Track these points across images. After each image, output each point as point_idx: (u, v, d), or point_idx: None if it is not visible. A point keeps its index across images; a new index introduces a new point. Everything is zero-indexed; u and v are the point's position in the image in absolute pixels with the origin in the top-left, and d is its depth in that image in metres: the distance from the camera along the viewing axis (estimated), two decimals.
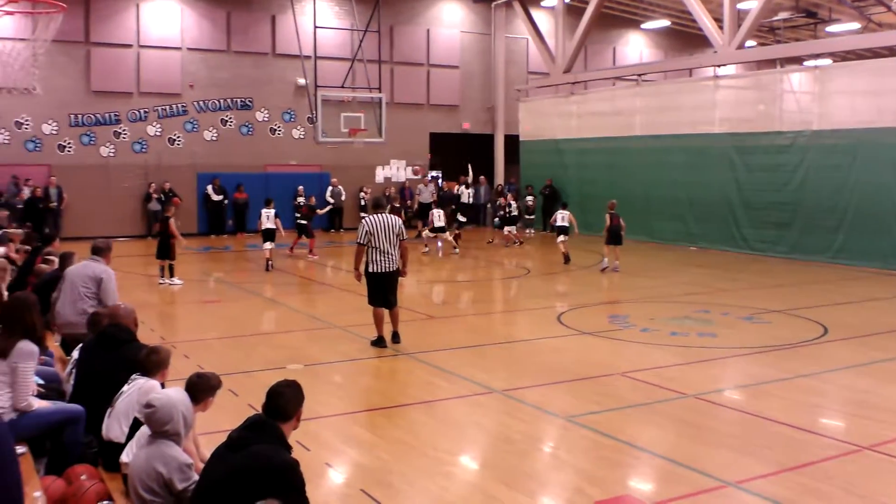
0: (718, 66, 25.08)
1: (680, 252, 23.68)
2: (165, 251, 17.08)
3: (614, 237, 18.95)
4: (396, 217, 11.44)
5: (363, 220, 11.24)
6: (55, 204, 25.44)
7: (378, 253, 11.11)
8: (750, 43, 26.34)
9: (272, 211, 20.25)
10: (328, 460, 7.24)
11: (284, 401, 4.77)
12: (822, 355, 11.35)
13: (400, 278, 11.60)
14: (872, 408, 8.94)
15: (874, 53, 28.80)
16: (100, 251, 9.45)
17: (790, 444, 7.70)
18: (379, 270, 11.18)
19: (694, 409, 8.80)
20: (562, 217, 21.14)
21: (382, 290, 11.29)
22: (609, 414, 8.57)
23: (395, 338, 11.55)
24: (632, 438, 7.78)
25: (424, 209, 27.29)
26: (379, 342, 11.38)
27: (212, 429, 6.58)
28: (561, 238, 20.81)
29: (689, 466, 7.02)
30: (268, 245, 19.81)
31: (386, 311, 11.48)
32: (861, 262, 19.78)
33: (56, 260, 10.83)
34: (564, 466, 7.31)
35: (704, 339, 12.19)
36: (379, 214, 11.25)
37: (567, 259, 20.69)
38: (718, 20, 24.31)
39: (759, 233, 22.71)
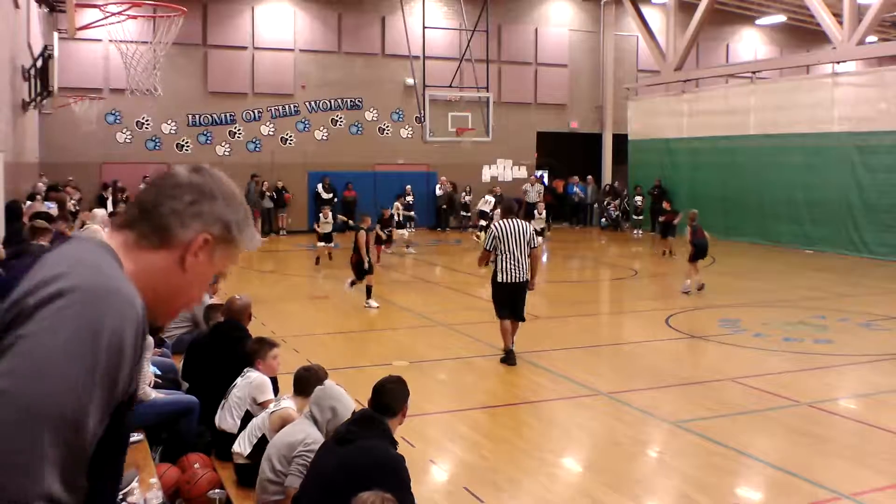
0: (837, 62, 24.17)
1: (795, 255, 22.92)
2: (360, 270, 14.84)
3: (701, 252, 16.30)
4: (527, 223, 10.68)
5: (492, 226, 10.54)
6: None
7: (507, 261, 10.28)
8: (871, 38, 25.28)
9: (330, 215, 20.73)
10: (433, 457, 7.30)
11: (390, 397, 4.84)
12: None
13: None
14: None
15: None
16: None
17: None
18: (508, 280, 10.33)
19: (808, 417, 8.51)
20: None
21: (511, 301, 10.46)
22: (719, 420, 8.38)
23: (510, 357, 10.65)
24: (742, 446, 7.58)
25: (530, 209, 27.19)
26: (508, 358, 10.44)
27: None
28: None
29: (802, 476, 6.80)
30: (321, 244, 20.38)
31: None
32: None
33: None
34: (671, 472, 7.18)
35: (820, 345, 11.78)
36: (509, 220, 10.46)
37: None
38: (837, 15, 23.42)
39: (881, 236, 21.78)
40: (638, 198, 30.13)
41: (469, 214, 30.77)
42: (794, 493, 6.55)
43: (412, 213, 27.89)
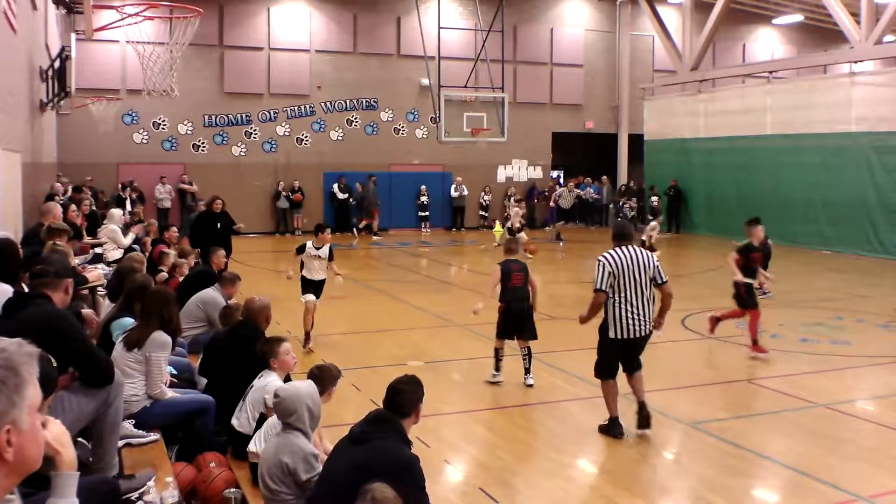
0: (855, 62, 24.01)
1: (812, 256, 22.78)
2: None
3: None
4: (649, 252, 8.04)
5: (603, 258, 7.67)
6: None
7: (624, 307, 7.58)
8: (889, 38, 25.10)
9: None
10: (448, 457, 7.30)
11: (405, 397, 4.84)
12: None
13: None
14: None
15: None
16: (223, 281, 9.53)
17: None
18: (626, 335, 7.63)
19: (825, 419, 8.46)
20: None
21: (626, 357, 7.91)
22: (735, 421, 8.35)
23: (643, 414, 7.85)
24: (758, 447, 7.54)
25: (564, 214, 27.38)
26: (613, 427, 7.82)
27: (335, 422, 6.73)
28: None
29: (819, 478, 6.76)
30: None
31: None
32: None
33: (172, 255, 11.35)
34: (687, 473, 7.15)
35: (837, 346, 11.71)
36: (625, 248, 7.72)
37: None
38: (855, 14, 23.27)
39: None
40: (654, 198, 29.98)
41: (487, 215, 30.77)
42: (811, 494, 6.51)
43: (427, 213, 28.04)
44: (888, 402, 9.27)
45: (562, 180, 33.59)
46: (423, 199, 29.64)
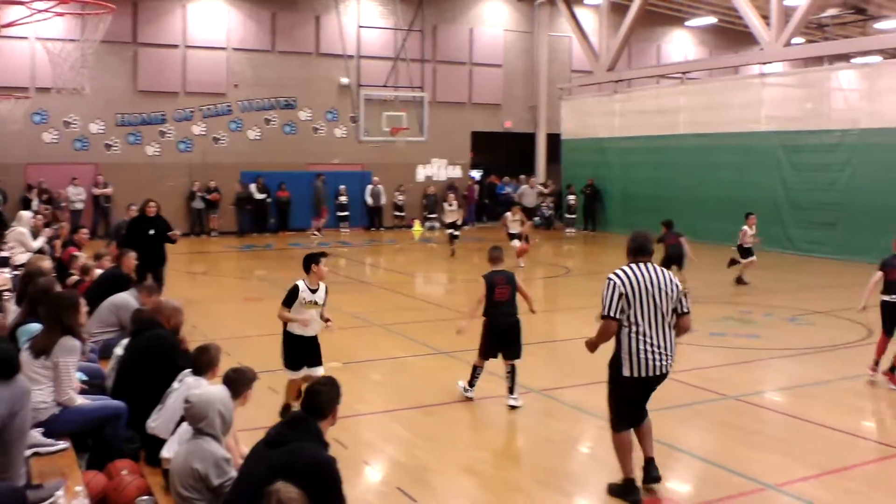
0: (765, 63, 24.74)
1: (724, 252, 23.34)
2: None
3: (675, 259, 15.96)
4: (671, 274, 6.50)
5: (614, 277, 6.33)
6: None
7: (641, 339, 6.24)
8: (797, 40, 25.94)
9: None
10: (366, 458, 7.28)
11: (322, 398, 4.82)
12: (867, 357, 11.14)
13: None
14: None
15: None
16: (142, 288, 9.05)
17: (833, 447, 7.58)
18: (644, 374, 6.29)
19: (735, 410, 8.71)
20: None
21: (643, 400, 6.64)
22: (649, 415, 8.50)
23: (652, 475, 6.60)
24: (671, 440, 7.71)
25: (528, 213, 26.20)
26: (629, 492, 6.45)
27: (251, 425, 6.65)
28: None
29: (729, 469, 6.95)
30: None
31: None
32: None
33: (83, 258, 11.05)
34: (602, 467, 7.26)
35: (747, 339, 12.06)
36: (643, 266, 6.37)
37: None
38: (765, 17, 23.98)
39: (806, 233, 22.35)
40: (571, 196, 30.45)
41: (403, 214, 30.75)
42: (723, 485, 6.68)
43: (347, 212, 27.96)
44: (795, 392, 9.57)
45: (476, 177, 33.86)
46: (343, 198, 29.47)
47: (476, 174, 34.32)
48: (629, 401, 6.49)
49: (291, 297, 8.23)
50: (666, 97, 27.86)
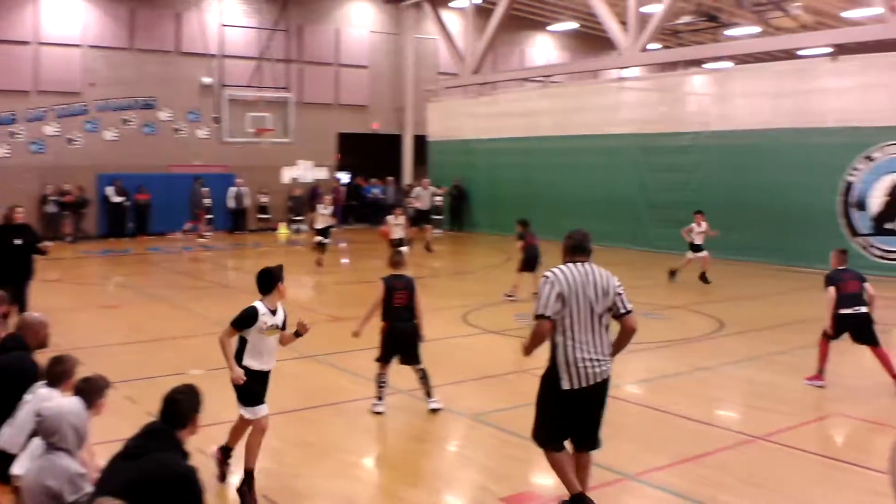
0: (623, 68, 25.58)
1: None
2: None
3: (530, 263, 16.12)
4: (608, 273, 6.05)
5: (552, 275, 5.88)
6: None
7: (574, 344, 5.77)
8: (653, 46, 26.93)
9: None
10: (231, 467, 7.12)
11: (181, 407, 4.69)
12: (719, 349, 11.69)
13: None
14: (766, 399, 9.26)
15: (772, 57, 29.74)
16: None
17: (689, 436, 7.90)
18: (583, 384, 5.78)
19: None
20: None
21: (580, 416, 5.96)
22: (515, 411, 8.64)
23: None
24: None
25: (422, 216, 25.46)
26: None
27: (109, 437, 6.38)
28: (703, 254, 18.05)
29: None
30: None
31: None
32: (757, 258, 20.43)
33: None
34: (470, 464, 7.36)
35: None
36: (581, 265, 5.97)
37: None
38: (623, 23, 24.81)
39: (662, 231, 23.19)
40: (438, 198, 30.65)
41: (268, 217, 30.28)
42: None
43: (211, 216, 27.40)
44: (652, 385, 9.93)
45: (343, 179, 33.73)
46: (206, 201, 28.77)
47: (343, 176, 34.15)
48: (563, 414, 5.88)
49: (246, 322, 6.72)
50: (529, 100, 28.47)
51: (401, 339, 8.60)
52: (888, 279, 16.06)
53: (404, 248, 16.88)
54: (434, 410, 8.53)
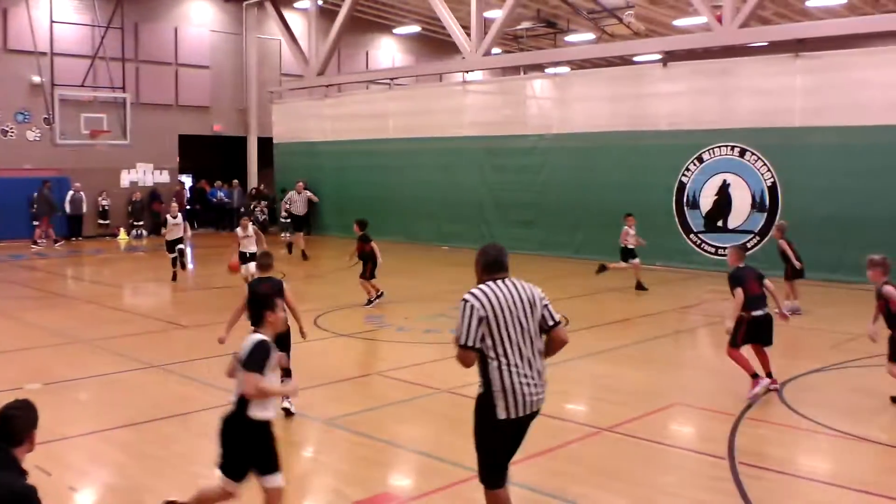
0: (467, 71, 26.00)
1: (433, 251, 24.32)
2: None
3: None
4: (531, 285, 5.44)
5: (470, 299, 5.22)
6: None
7: (514, 372, 5.17)
8: (496, 50, 27.50)
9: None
10: (72, 483, 6.81)
11: (15, 424, 4.46)
12: (574, 344, 12.03)
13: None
14: (610, 391, 9.62)
15: (608, 62, 31.00)
16: None
17: (538, 431, 8.05)
18: (516, 413, 5.21)
19: (449, 402, 9.06)
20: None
21: (515, 445, 5.47)
22: (368, 414, 8.66)
23: None
24: (390, 436, 7.90)
25: (298, 222, 24.08)
26: None
27: None
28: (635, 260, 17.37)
29: (445, 459, 7.22)
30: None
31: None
32: (600, 256, 21.10)
33: None
34: (323, 469, 7.31)
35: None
36: (499, 283, 5.31)
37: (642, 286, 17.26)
38: (466, 27, 25.21)
39: (509, 231, 23.73)
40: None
41: (108, 222, 29.08)
42: (438, 475, 6.93)
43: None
44: None
45: (186, 182, 32.83)
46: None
47: (186, 179, 33.21)
48: (503, 449, 5.34)
49: (265, 358, 5.46)
50: (375, 102, 28.53)
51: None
52: (719, 274, 16.95)
53: (250, 267, 15.34)
54: (286, 410, 8.38)
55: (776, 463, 7.22)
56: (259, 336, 5.53)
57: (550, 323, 5.36)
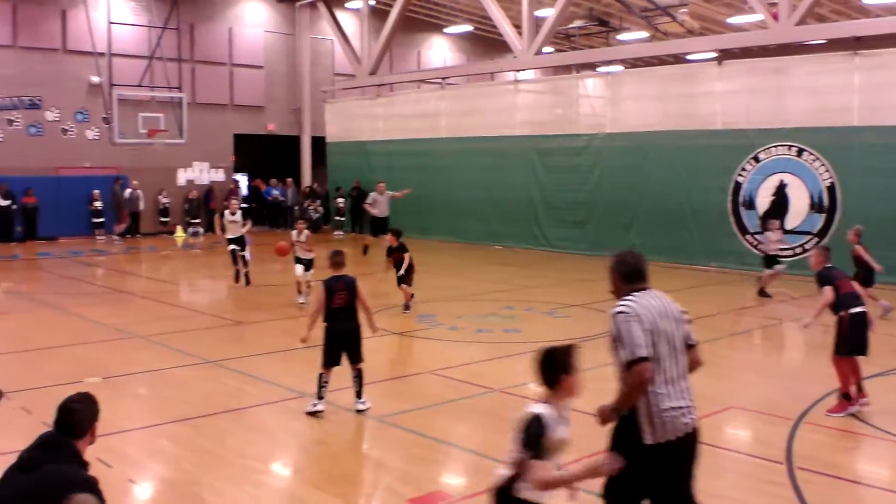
0: (518, 70, 25.93)
1: (485, 251, 24.29)
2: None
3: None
4: (671, 299, 4.97)
5: (628, 309, 4.73)
6: None
7: (656, 390, 4.67)
8: (547, 49, 27.38)
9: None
10: (131, 476, 6.93)
11: (77, 416, 4.52)
12: None
13: None
14: None
15: (661, 61, 30.66)
16: None
17: (595, 433, 8.02)
18: (670, 437, 4.68)
19: (501, 402, 9.04)
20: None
21: (666, 477, 4.81)
22: (420, 412, 8.68)
23: None
24: (442, 435, 7.91)
25: (381, 224, 22.18)
26: None
27: (3, 450, 6.14)
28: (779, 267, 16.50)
29: (497, 459, 7.14)
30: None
31: None
32: (653, 256, 20.74)
33: None
34: (377, 467, 7.34)
35: (510, 334, 12.57)
36: (647, 293, 4.89)
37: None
38: (518, 26, 25.14)
39: (559, 231, 23.66)
40: (340, 199, 30.52)
41: (167, 220, 29.58)
42: (491, 474, 6.88)
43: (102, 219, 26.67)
44: None
45: (241, 181, 33.22)
46: (97, 204, 27.89)
47: (240, 178, 33.63)
48: (653, 479, 4.73)
49: (542, 436, 4.22)
50: (426, 102, 28.57)
51: (342, 338, 8.53)
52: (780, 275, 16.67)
53: (309, 272, 15.05)
54: (360, 412, 8.51)
55: (835, 468, 7.09)
56: (537, 408, 4.31)
57: (690, 342, 4.88)
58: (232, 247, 17.14)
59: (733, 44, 21.98)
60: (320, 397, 8.54)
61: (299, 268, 15.19)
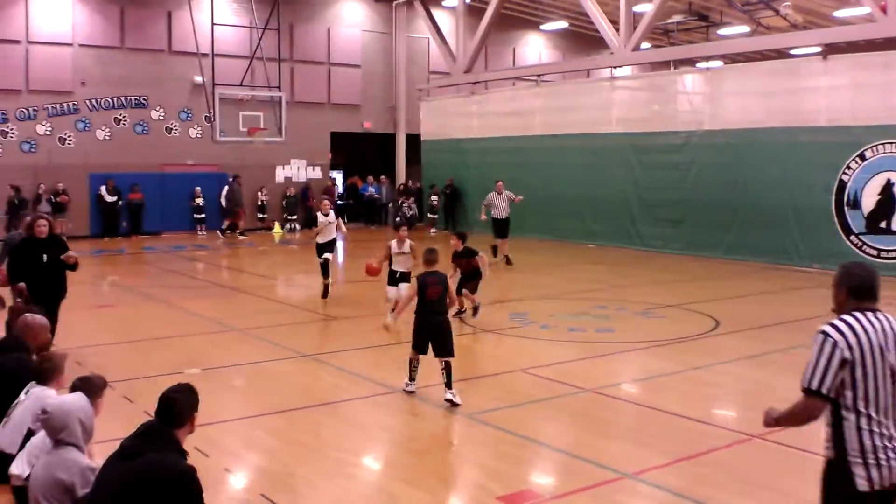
0: (615, 67, 25.61)
1: (579, 249, 24.09)
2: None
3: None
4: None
5: (832, 334, 4.10)
6: None
7: (870, 430, 4.06)
8: (645, 45, 26.96)
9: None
10: (227, 466, 7.11)
11: (178, 406, 4.67)
12: (715, 348, 11.70)
13: None
14: (762, 398, 9.24)
15: (763, 56, 29.83)
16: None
17: (685, 435, 7.91)
18: (886, 484, 4.06)
19: (592, 402, 8.97)
20: None
21: None
22: (510, 410, 8.67)
23: None
24: (532, 433, 7.88)
25: (502, 226, 21.20)
26: None
27: (106, 437, 6.37)
28: None
29: (588, 459, 7.15)
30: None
31: None
32: (751, 257, 20.47)
33: None
34: (466, 463, 7.36)
35: (602, 334, 12.44)
36: (870, 315, 4.18)
37: None
38: (615, 22, 24.81)
39: (655, 230, 23.27)
40: (434, 197, 30.70)
41: (265, 216, 30.24)
42: (580, 475, 6.87)
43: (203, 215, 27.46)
44: (648, 384, 9.93)
45: (337, 178, 33.71)
46: (199, 200, 28.73)
47: (337, 175, 34.15)
48: None
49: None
50: (521, 99, 28.47)
51: (432, 330, 8.87)
52: (883, 278, 16.07)
53: (402, 288, 12.73)
54: (449, 401, 8.63)
55: None
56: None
57: None
58: (325, 256, 15.43)
59: (839, 38, 21.20)
60: (412, 378, 9.10)
61: (392, 290, 12.99)
